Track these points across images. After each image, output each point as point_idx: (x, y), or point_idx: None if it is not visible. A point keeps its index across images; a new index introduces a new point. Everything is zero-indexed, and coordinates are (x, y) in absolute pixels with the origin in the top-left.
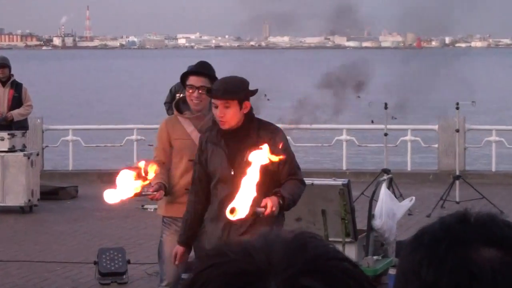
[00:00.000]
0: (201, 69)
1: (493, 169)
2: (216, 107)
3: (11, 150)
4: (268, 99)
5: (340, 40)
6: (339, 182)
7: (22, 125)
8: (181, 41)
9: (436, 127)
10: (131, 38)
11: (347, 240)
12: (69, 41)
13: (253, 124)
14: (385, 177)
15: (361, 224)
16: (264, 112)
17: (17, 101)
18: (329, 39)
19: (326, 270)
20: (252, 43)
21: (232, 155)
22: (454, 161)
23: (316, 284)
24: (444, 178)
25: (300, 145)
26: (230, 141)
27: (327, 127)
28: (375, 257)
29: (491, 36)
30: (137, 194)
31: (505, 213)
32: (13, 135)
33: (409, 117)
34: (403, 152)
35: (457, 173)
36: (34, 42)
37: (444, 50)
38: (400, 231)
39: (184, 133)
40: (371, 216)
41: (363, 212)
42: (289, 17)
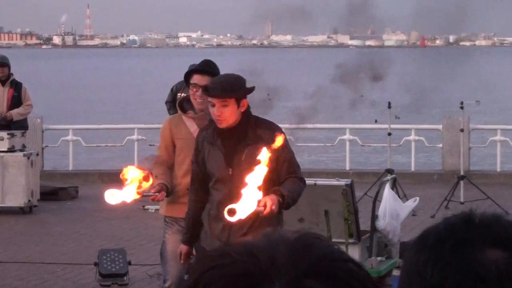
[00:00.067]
0: (205, 68)
1: (498, 169)
2: (213, 105)
3: (11, 150)
4: (270, 99)
5: (343, 39)
6: (342, 182)
7: (21, 124)
8: (182, 39)
9: (440, 126)
10: (131, 37)
11: (350, 241)
12: (69, 40)
13: (251, 122)
14: (389, 177)
15: (364, 225)
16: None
17: (16, 100)
18: (332, 37)
19: (331, 272)
20: (254, 41)
21: (229, 155)
22: (459, 161)
23: (321, 286)
24: (449, 178)
25: (302, 144)
26: (227, 140)
27: (330, 126)
28: (379, 258)
29: (496, 35)
30: (138, 194)
31: (510, 213)
32: (12, 135)
33: (413, 116)
34: (407, 152)
35: (462, 173)
36: (34, 41)
37: (448, 49)
38: (404, 232)
39: (187, 132)
40: (374, 217)
41: (366, 212)
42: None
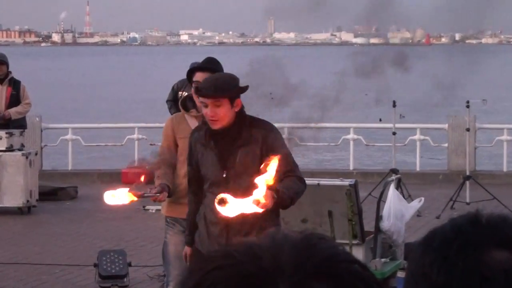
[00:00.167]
0: (208, 65)
1: (505, 169)
2: (206, 106)
3: (9, 149)
4: (272, 98)
5: (347, 37)
6: (346, 182)
7: (20, 123)
8: (184, 37)
9: (446, 126)
10: (132, 35)
11: (354, 242)
12: (68, 38)
13: (245, 123)
14: (393, 177)
15: (368, 226)
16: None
17: (15, 99)
18: (335, 35)
19: (336, 273)
20: (257, 39)
21: (223, 157)
22: (464, 161)
23: None
24: (454, 179)
25: (306, 144)
26: (220, 141)
27: (334, 126)
28: (383, 259)
29: (503, 33)
30: (139, 195)
31: None
32: (11, 134)
33: (418, 115)
34: (412, 152)
35: (467, 173)
36: (33, 39)
37: (454, 47)
38: (408, 233)
39: (189, 131)
40: (379, 218)
41: (370, 213)
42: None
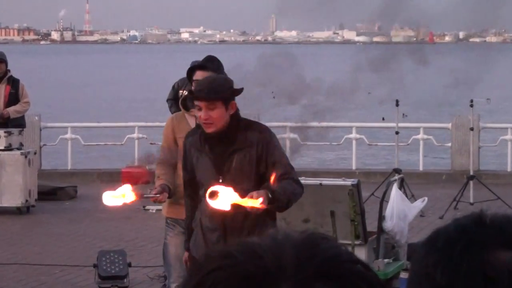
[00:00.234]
0: (208, 64)
1: (509, 169)
2: (200, 109)
3: (8, 148)
4: (274, 97)
5: (350, 35)
6: (348, 182)
7: (19, 122)
8: (184, 35)
9: (449, 125)
10: (132, 33)
11: (356, 242)
12: (68, 36)
13: (240, 126)
14: (396, 177)
15: (371, 226)
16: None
17: (13, 97)
18: (337, 33)
19: (339, 274)
20: (258, 37)
21: (218, 161)
22: (468, 160)
23: None
24: (458, 178)
25: (308, 143)
26: (215, 145)
27: (336, 125)
28: (386, 260)
29: (507, 31)
30: (139, 196)
31: None
32: (9, 133)
33: (421, 114)
34: (415, 151)
35: (471, 173)
36: (32, 37)
37: (458, 45)
38: (411, 233)
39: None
40: (381, 218)
41: (373, 213)
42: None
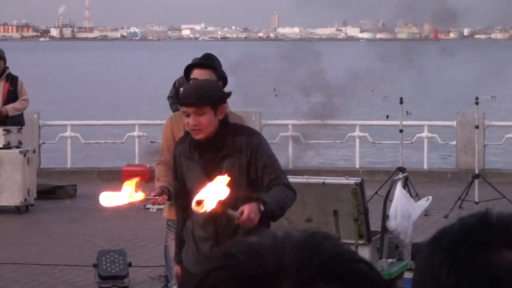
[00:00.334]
0: (206, 62)
1: None
2: (188, 115)
3: (6, 146)
4: (275, 95)
5: (353, 32)
6: (351, 181)
7: (17, 120)
8: (185, 32)
9: (454, 123)
10: (132, 29)
11: (360, 242)
12: (67, 32)
13: (229, 131)
14: (400, 175)
15: (375, 225)
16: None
17: (12, 95)
18: (341, 30)
19: (341, 273)
20: (260, 34)
21: (208, 169)
22: (473, 159)
23: None
24: (463, 177)
25: (311, 141)
26: (204, 152)
27: (340, 123)
28: (390, 260)
29: None
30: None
31: None
32: (8, 131)
33: (425, 112)
34: (419, 150)
35: (476, 171)
36: (31, 33)
37: (463, 42)
38: (416, 232)
39: None
40: (385, 217)
41: (377, 212)
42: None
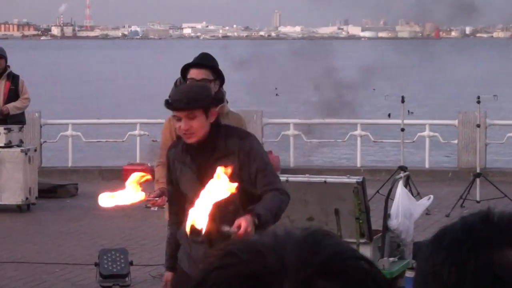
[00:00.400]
0: (202, 61)
1: None
2: (179, 119)
3: (8, 145)
4: (277, 94)
5: (355, 30)
6: (353, 179)
7: (18, 119)
8: (187, 31)
9: (455, 122)
10: (133, 28)
11: (361, 241)
12: (68, 31)
13: (220, 134)
14: (402, 174)
15: (376, 224)
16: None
17: (13, 93)
18: (342, 29)
19: (343, 271)
20: (262, 33)
21: (201, 173)
22: (475, 158)
23: (333, 287)
24: (464, 176)
25: (312, 140)
26: (197, 156)
27: (341, 121)
28: (391, 259)
29: None
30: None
31: None
32: (9, 130)
33: (427, 111)
34: (421, 149)
35: (478, 170)
36: (32, 32)
37: (465, 41)
38: (417, 231)
39: None
40: (386, 216)
41: (378, 211)
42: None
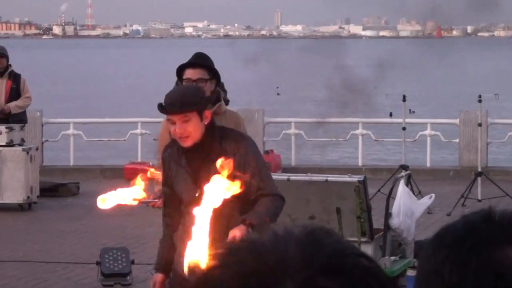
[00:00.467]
0: (197, 61)
1: None
2: (173, 123)
3: (9, 144)
4: (278, 93)
5: (356, 29)
6: (354, 178)
7: (20, 118)
8: (188, 29)
9: (457, 121)
10: (135, 27)
11: (363, 239)
12: (69, 30)
13: (215, 136)
14: (403, 173)
15: (377, 223)
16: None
17: (15, 92)
18: (343, 28)
19: (344, 269)
20: (263, 32)
21: (196, 175)
22: (476, 156)
23: (335, 285)
24: (465, 175)
25: (314, 139)
26: (192, 158)
27: (342, 120)
28: (393, 257)
29: None
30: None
31: None
32: (11, 129)
33: (428, 110)
34: (422, 148)
35: (479, 169)
36: (33, 31)
37: (466, 39)
38: (418, 230)
39: None
40: (388, 215)
41: (379, 210)
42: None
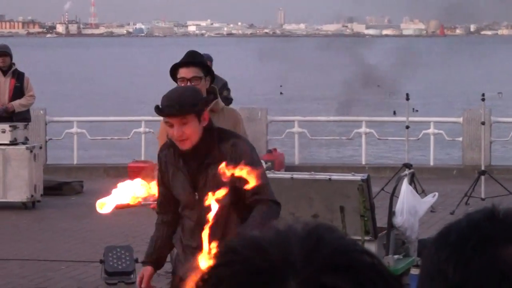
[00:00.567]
0: (190, 59)
1: None
2: (171, 126)
3: (13, 143)
4: (281, 93)
5: (359, 28)
6: (358, 177)
7: (24, 116)
8: (191, 28)
9: (460, 119)
10: (138, 25)
11: (366, 238)
12: (73, 29)
13: (213, 138)
14: (407, 172)
15: (381, 222)
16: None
17: (18, 91)
18: (347, 26)
19: (348, 265)
20: (266, 30)
21: (194, 177)
22: (479, 155)
23: (339, 281)
24: (469, 173)
25: (317, 138)
26: (190, 160)
27: (346, 119)
28: (396, 256)
29: None
30: (136, 202)
31: None
32: (14, 127)
33: (432, 109)
34: (426, 146)
35: (483, 168)
36: (37, 30)
37: (470, 38)
38: (422, 229)
39: None
40: (391, 213)
41: (383, 209)
42: None
